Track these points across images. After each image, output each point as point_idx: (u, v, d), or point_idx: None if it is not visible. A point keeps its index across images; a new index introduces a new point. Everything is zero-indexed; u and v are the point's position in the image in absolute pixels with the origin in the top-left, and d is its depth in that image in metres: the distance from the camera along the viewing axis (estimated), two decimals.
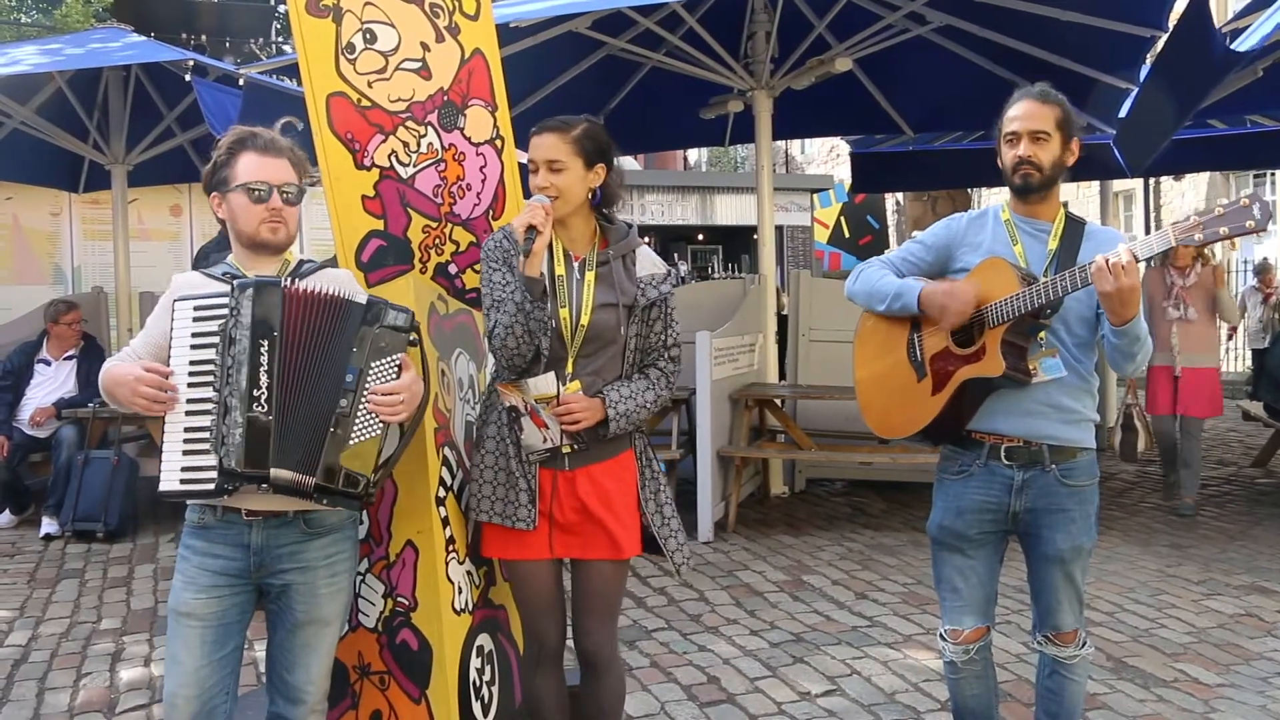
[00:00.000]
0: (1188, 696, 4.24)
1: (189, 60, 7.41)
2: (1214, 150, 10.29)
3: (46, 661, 4.83)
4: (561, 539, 3.01)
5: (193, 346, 2.59)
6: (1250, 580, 5.79)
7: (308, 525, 2.72)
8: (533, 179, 2.96)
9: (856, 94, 9.03)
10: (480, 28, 3.52)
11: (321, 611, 2.76)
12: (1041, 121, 2.99)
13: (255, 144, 2.74)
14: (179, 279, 2.79)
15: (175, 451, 2.55)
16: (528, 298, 2.86)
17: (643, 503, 3.06)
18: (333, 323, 2.65)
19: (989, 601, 3.20)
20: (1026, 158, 2.99)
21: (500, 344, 2.90)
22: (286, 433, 2.57)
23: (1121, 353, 2.92)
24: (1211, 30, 5.38)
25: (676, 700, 4.24)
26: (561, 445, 2.95)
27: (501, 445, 2.99)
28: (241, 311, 2.56)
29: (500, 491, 2.98)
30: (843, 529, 7.06)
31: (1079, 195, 18.17)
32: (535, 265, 2.89)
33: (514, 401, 2.94)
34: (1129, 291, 2.74)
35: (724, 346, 7.19)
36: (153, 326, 2.75)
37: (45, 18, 22.65)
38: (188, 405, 2.56)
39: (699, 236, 24.57)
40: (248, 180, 2.70)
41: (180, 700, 2.62)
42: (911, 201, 15.09)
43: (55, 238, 12.31)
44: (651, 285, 3.02)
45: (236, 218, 2.73)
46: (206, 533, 2.69)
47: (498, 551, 3.07)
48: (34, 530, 7.30)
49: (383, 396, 2.67)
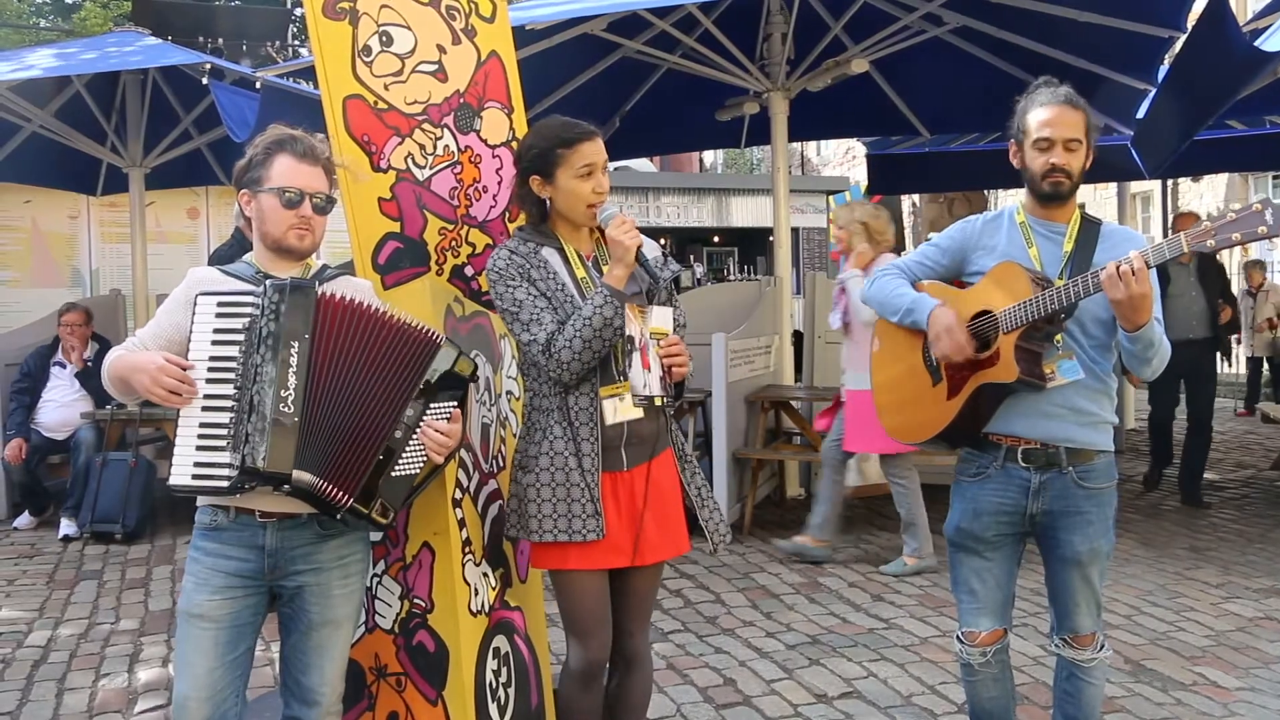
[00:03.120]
0: (1207, 700, 4.22)
1: (206, 64, 7.43)
2: (1233, 151, 10.24)
3: (65, 662, 4.85)
4: (617, 545, 2.96)
5: (214, 342, 2.57)
6: (1270, 583, 5.76)
7: (322, 527, 2.71)
8: (590, 183, 2.95)
9: (872, 95, 9.02)
10: (496, 30, 3.52)
11: (335, 613, 2.76)
12: (1075, 129, 2.96)
13: (294, 148, 2.72)
14: (196, 273, 2.77)
15: (189, 446, 2.53)
16: (619, 313, 2.85)
17: (685, 484, 3.09)
18: (382, 339, 2.65)
19: (1006, 604, 3.18)
20: (1061, 166, 2.97)
21: (572, 357, 2.83)
22: (313, 437, 2.56)
23: (1136, 358, 2.90)
24: (1233, 30, 5.34)
25: (693, 702, 4.24)
26: (655, 397, 2.92)
27: (559, 460, 2.92)
28: (272, 311, 2.55)
29: (561, 508, 2.91)
30: (859, 531, 7.04)
31: (1096, 196, 18.11)
32: (626, 278, 2.90)
33: (633, 331, 2.86)
34: (1140, 299, 2.73)
35: (740, 348, 7.18)
36: (165, 319, 2.71)
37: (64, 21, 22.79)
38: (204, 401, 2.54)
39: (715, 238, 24.54)
40: (281, 184, 2.69)
41: (192, 703, 2.61)
42: (928, 203, 15.06)
43: (73, 241, 12.37)
44: (661, 267, 3.04)
45: (265, 219, 2.72)
46: (219, 534, 2.67)
47: (558, 562, 2.98)
48: (53, 531, 7.35)
49: (436, 435, 2.68)
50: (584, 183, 2.95)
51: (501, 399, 3.49)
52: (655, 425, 3.01)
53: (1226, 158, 10.77)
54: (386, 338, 2.66)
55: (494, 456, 3.40)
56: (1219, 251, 2.72)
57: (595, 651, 3.03)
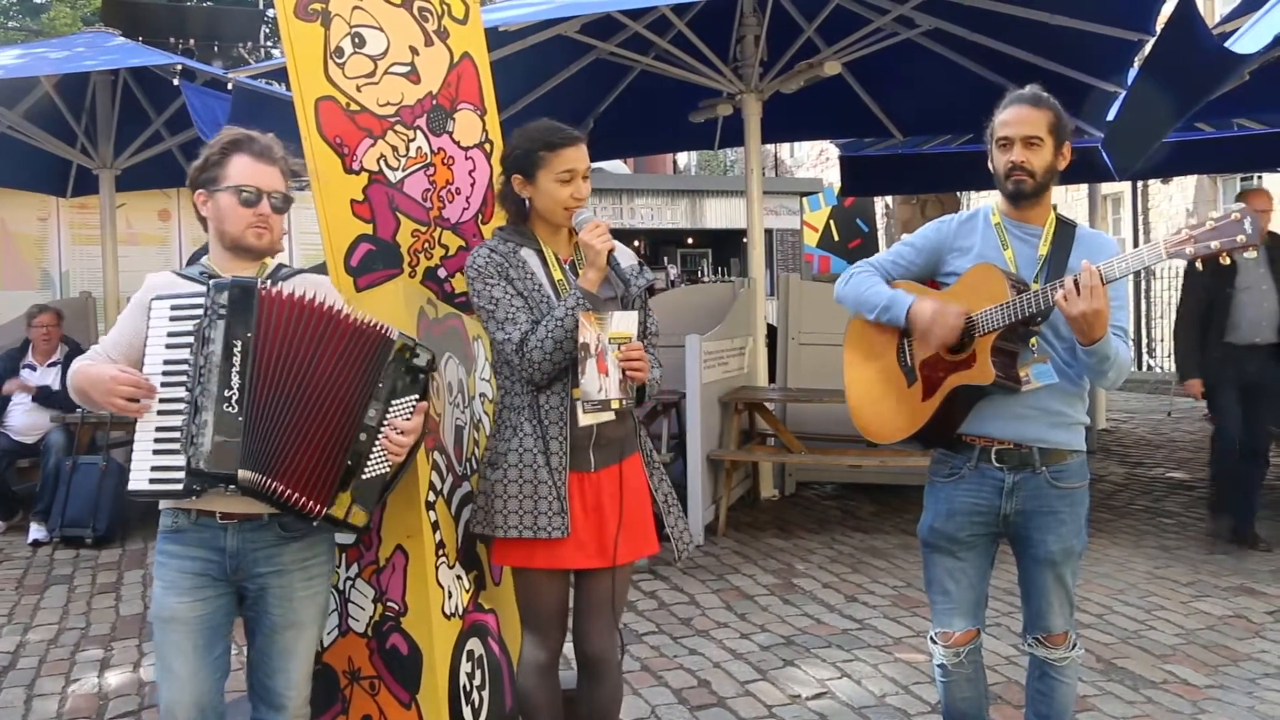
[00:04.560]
0: (1177, 698, 4.25)
1: (177, 64, 7.38)
2: (1201, 153, 10.30)
3: (35, 668, 4.81)
4: (583, 545, 2.97)
5: (167, 346, 2.57)
6: (1239, 582, 5.81)
7: (283, 529, 2.70)
8: (569, 188, 2.98)
9: (846, 97, 9.04)
10: (469, 31, 3.51)
11: (298, 615, 2.74)
12: (1034, 127, 2.97)
13: (251, 148, 2.73)
14: (152, 279, 2.77)
15: (145, 451, 2.53)
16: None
17: (653, 492, 3.11)
18: (331, 337, 2.63)
19: (979, 604, 3.20)
20: (1020, 163, 2.98)
21: (543, 358, 2.87)
22: (261, 436, 2.55)
23: (1092, 370, 2.93)
24: (1202, 33, 5.38)
25: (667, 704, 4.24)
26: (612, 401, 2.90)
27: (529, 458, 2.95)
28: (216, 311, 2.54)
29: (528, 505, 2.92)
30: (833, 532, 7.06)
31: (1068, 198, 18.20)
32: (599, 282, 2.93)
33: (588, 338, 2.85)
34: (1093, 315, 2.74)
35: (714, 350, 7.19)
36: (125, 325, 2.72)
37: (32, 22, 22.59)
38: (160, 405, 2.54)
39: (688, 240, 24.53)
40: (239, 183, 2.69)
41: (179, 710, 2.61)
42: (901, 205, 15.11)
43: (43, 242, 12.25)
44: (638, 275, 3.06)
45: (223, 218, 2.72)
46: (181, 536, 2.66)
47: (523, 560, 3.01)
48: (22, 536, 7.28)
49: (397, 436, 2.68)
50: (563, 187, 2.97)
51: (475, 401, 3.48)
52: (624, 428, 3.04)
53: (1196, 160, 10.83)
54: (337, 334, 2.64)
55: (467, 459, 3.40)
56: (1199, 259, 2.71)
57: (549, 646, 3.09)
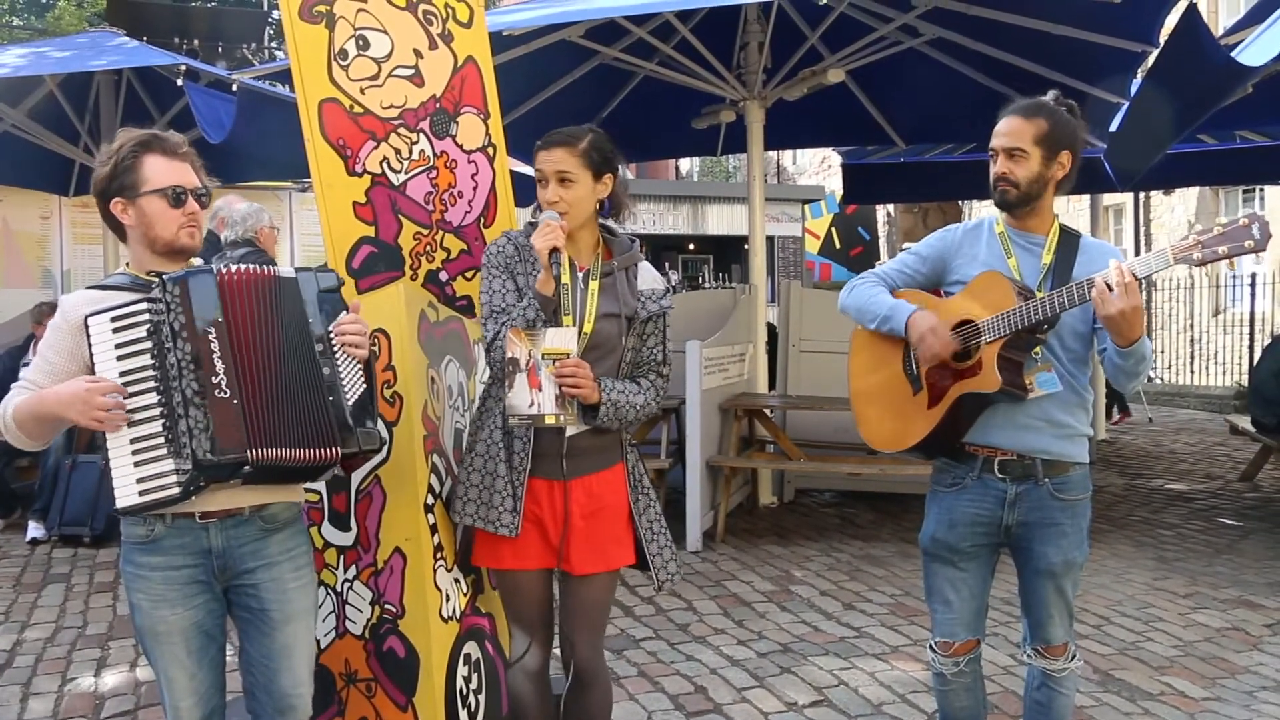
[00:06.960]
0: (1174, 710, 4.25)
1: (181, 65, 7.39)
2: (1204, 165, 10.34)
3: (31, 667, 4.80)
4: (554, 550, 2.99)
5: (119, 358, 2.48)
6: (1237, 594, 5.80)
7: (264, 521, 2.68)
8: (542, 192, 2.96)
9: (848, 105, 9.05)
10: (473, 35, 3.52)
11: (295, 606, 2.72)
12: (1017, 138, 2.97)
13: (162, 146, 2.65)
14: (69, 299, 2.64)
15: (126, 465, 2.46)
16: (540, 315, 2.86)
17: (634, 516, 3.07)
18: (274, 298, 2.60)
19: (980, 614, 3.19)
20: (1002, 175, 3.00)
21: (501, 355, 2.89)
22: (259, 412, 2.52)
23: (1125, 372, 2.88)
24: (1208, 44, 5.39)
25: (664, 710, 4.23)
26: (545, 416, 2.82)
27: (494, 449, 2.97)
28: (177, 304, 2.49)
29: (485, 495, 2.95)
30: (831, 539, 7.05)
31: (1069, 208, 18.21)
32: (552, 283, 2.89)
33: (517, 353, 2.82)
34: (1132, 312, 2.71)
35: (714, 356, 7.19)
36: (58, 350, 2.57)
37: (37, 20, 22.62)
38: (129, 416, 2.46)
39: (690, 246, 24.56)
40: (165, 184, 2.61)
41: (184, 711, 2.62)
42: (903, 213, 15.15)
43: (45, 241, 12.26)
44: (652, 299, 3.04)
45: (153, 223, 2.62)
46: (158, 545, 2.59)
47: (489, 560, 3.05)
48: (20, 535, 7.28)
49: (350, 338, 2.65)
50: (541, 190, 2.98)
51: (475, 405, 3.48)
52: (601, 441, 3.01)
53: (1198, 171, 10.87)
54: (259, 292, 2.59)
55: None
56: (1206, 264, 2.71)
57: (535, 646, 3.10)
